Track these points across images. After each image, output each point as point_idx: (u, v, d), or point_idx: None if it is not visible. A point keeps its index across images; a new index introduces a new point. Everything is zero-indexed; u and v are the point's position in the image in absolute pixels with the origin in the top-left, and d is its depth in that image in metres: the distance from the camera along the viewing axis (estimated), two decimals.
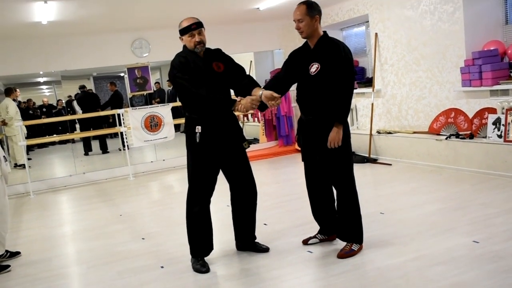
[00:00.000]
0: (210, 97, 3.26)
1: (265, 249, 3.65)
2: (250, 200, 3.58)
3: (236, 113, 3.51)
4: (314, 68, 3.31)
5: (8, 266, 3.90)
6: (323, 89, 3.28)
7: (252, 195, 3.58)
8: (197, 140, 3.31)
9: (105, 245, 4.30)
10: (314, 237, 3.70)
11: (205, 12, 6.96)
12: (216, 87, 3.34)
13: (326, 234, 3.69)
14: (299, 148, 3.63)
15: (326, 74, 3.27)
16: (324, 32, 3.40)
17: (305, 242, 3.70)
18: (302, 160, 3.59)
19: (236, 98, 3.35)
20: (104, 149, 9.83)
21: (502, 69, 5.44)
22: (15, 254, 4.18)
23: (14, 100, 8.75)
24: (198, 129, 3.32)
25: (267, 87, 3.44)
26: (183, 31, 3.39)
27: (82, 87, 9.21)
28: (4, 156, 4.08)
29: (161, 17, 6.79)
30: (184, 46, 3.44)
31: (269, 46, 9.01)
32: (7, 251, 4.10)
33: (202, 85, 3.27)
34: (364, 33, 8.04)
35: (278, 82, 3.52)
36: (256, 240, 3.70)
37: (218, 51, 3.54)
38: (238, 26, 8.48)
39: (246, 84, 3.46)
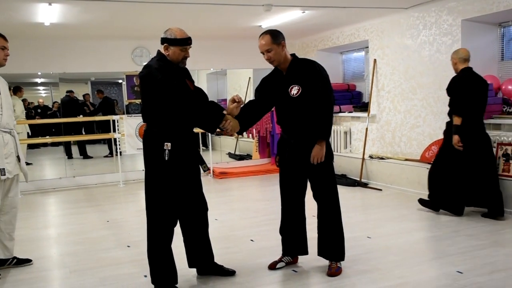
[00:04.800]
0: (206, 107, 3.08)
1: (231, 272, 3.49)
2: (202, 219, 3.36)
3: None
4: (295, 90, 3.32)
5: None
6: (306, 109, 3.31)
7: (204, 213, 3.37)
8: (166, 158, 3.05)
9: (89, 250, 4.26)
10: (280, 260, 3.64)
11: (207, 25, 7.04)
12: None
13: (291, 256, 3.67)
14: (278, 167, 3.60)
15: (308, 95, 3.29)
16: (292, 54, 3.44)
17: (273, 266, 3.61)
18: (280, 178, 3.56)
19: (225, 113, 3.17)
20: (84, 154, 9.83)
21: (496, 104, 5.52)
22: (24, 261, 3.90)
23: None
24: (168, 145, 3.04)
25: (242, 112, 3.35)
26: (176, 42, 3.11)
27: (68, 92, 9.20)
28: (20, 155, 3.86)
29: (163, 27, 6.79)
30: (162, 55, 3.16)
31: (269, 64, 9.05)
32: (14, 257, 3.87)
33: (188, 95, 3.06)
34: (363, 58, 8.14)
35: (254, 108, 3.47)
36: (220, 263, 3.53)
37: (187, 69, 3.29)
38: (239, 42, 8.55)
39: (215, 108, 3.18)
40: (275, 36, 3.31)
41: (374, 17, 6.99)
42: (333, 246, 3.46)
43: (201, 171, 3.31)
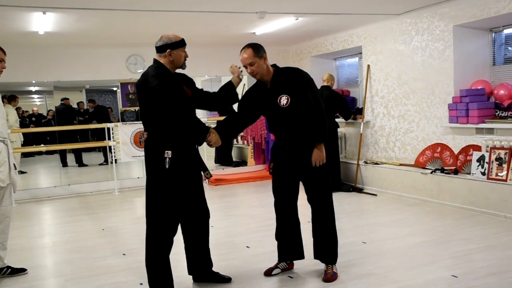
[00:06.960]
0: (193, 121, 3.13)
1: (227, 279, 3.48)
2: (203, 226, 3.37)
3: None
4: (284, 100, 3.34)
5: None
6: (297, 117, 3.34)
7: (205, 221, 3.38)
8: (167, 166, 3.07)
9: (85, 259, 4.25)
10: (276, 267, 3.65)
11: (201, 32, 7.06)
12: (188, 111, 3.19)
13: (287, 262, 3.67)
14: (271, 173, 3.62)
15: (298, 103, 3.32)
16: (274, 65, 3.47)
17: (268, 273, 3.61)
18: (273, 184, 3.58)
19: (210, 128, 3.21)
20: (80, 162, 9.80)
21: (488, 108, 5.56)
22: (19, 271, 3.88)
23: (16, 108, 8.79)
24: (168, 153, 3.06)
25: (223, 125, 3.41)
26: (178, 44, 3.16)
27: (63, 99, 9.19)
28: (14, 164, 3.85)
29: (158, 35, 6.82)
30: (159, 63, 3.18)
31: None
32: (8, 266, 3.85)
33: (184, 106, 3.11)
34: (357, 64, 8.18)
35: (235, 122, 3.53)
36: (216, 270, 3.53)
37: (184, 75, 3.35)
38: (233, 49, 8.50)
39: (217, 94, 3.50)
40: (256, 49, 3.35)
41: (367, 23, 7.04)
42: (327, 248, 3.48)
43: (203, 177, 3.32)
